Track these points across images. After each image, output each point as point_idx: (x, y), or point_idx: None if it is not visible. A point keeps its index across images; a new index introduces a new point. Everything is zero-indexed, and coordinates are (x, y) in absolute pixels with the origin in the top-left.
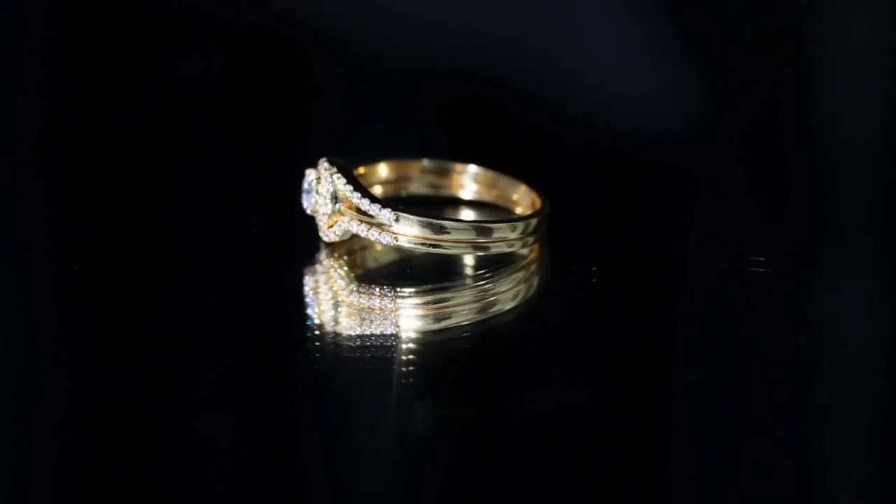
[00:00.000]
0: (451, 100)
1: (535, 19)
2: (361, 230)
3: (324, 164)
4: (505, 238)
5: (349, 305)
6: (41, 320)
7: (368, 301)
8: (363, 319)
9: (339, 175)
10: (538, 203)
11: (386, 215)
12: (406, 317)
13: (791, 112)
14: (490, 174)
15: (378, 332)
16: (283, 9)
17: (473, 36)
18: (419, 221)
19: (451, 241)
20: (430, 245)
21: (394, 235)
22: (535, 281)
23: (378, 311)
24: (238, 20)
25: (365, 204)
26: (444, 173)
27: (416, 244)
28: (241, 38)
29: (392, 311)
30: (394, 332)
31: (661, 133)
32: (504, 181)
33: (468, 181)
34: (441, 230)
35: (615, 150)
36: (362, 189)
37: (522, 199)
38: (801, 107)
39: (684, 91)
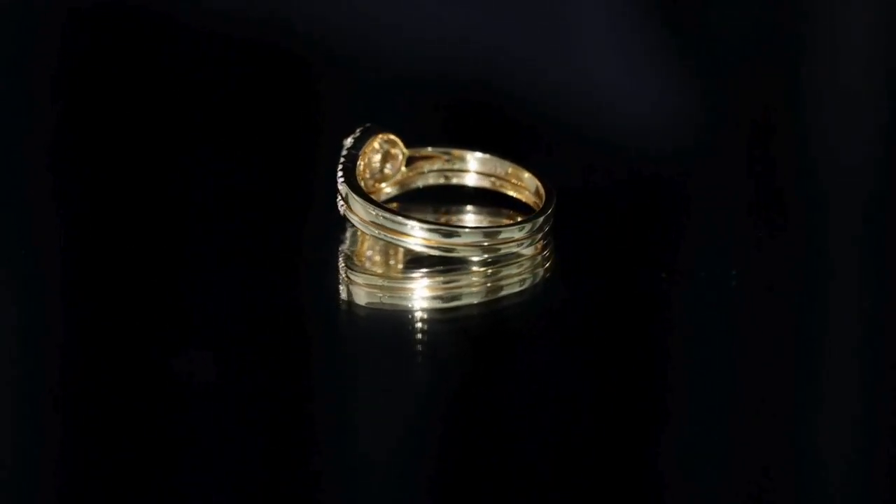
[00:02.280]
0: (450, 107)
1: (533, 29)
2: (338, 201)
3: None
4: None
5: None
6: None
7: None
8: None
9: (352, 143)
10: (542, 191)
11: (343, 190)
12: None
13: (789, 119)
14: (494, 161)
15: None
16: (285, 16)
17: (472, 45)
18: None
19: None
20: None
21: (348, 210)
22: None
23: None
24: (240, 28)
25: (339, 174)
26: (450, 160)
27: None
28: (243, 45)
29: (347, 281)
30: (346, 300)
31: (658, 139)
32: (510, 168)
33: (474, 169)
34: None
35: (612, 154)
36: (347, 162)
37: (527, 186)
38: (798, 114)
39: (681, 98)
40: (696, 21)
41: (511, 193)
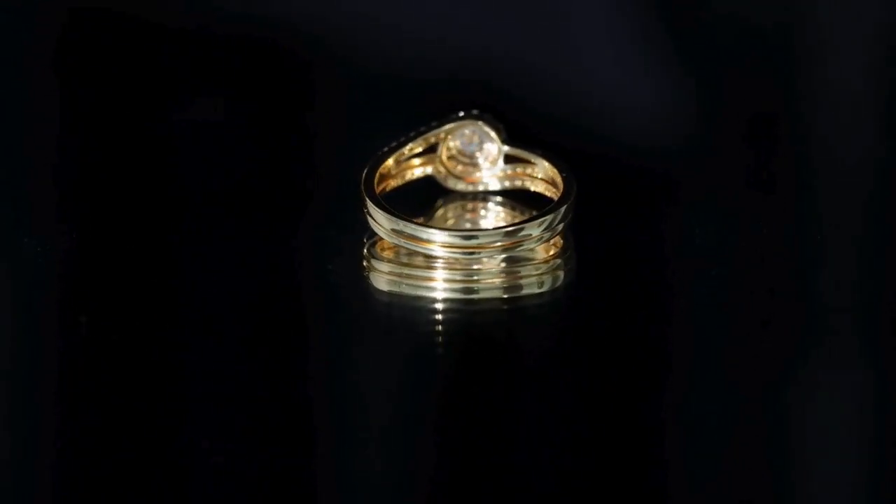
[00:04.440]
0: (445, 109)
1: (532, 30)
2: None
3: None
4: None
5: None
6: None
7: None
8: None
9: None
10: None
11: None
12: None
13: (787, 119)
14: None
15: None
16: (284, 18)
17: (471, 46)
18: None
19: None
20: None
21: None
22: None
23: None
24: (239, 25)
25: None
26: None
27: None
28: (242, 43)
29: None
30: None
31: (657, 140)
32: (526, 157)
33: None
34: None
35: (610, 156)
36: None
37: (545, 177)
38: (797, 114)
39: (680, 99)
40: (696, 18)
41: (530, 185)
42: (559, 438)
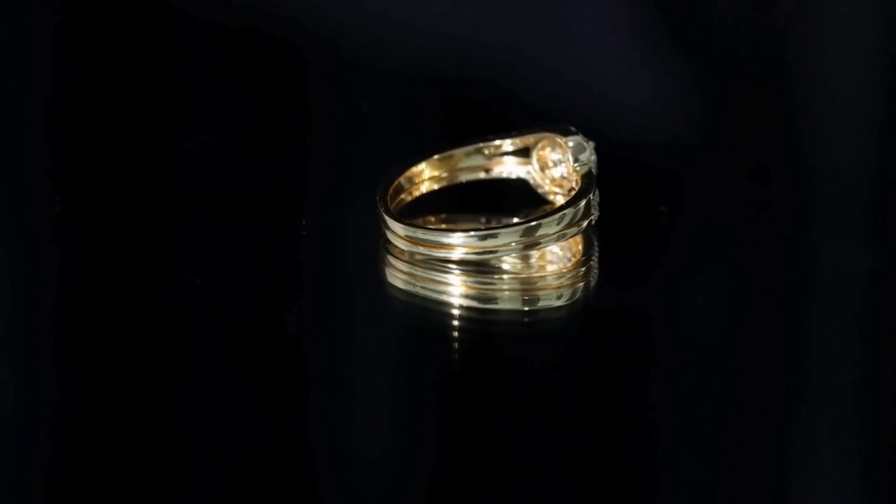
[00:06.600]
0: (448, 105)
1: (532, 26)
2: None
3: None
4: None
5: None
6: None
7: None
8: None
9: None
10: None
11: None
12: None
13: (787, 117)
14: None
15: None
16: (283, 12)
17: (471, 43)
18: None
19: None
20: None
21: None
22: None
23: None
24: (236, 23)
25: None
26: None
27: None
28: (238, 42)
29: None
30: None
31: (656, 139)
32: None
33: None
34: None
35: (613, 155)
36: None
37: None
38: (796, 113)
39: (680, 97)
40: (697, 14)
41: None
42: (565, 449)
